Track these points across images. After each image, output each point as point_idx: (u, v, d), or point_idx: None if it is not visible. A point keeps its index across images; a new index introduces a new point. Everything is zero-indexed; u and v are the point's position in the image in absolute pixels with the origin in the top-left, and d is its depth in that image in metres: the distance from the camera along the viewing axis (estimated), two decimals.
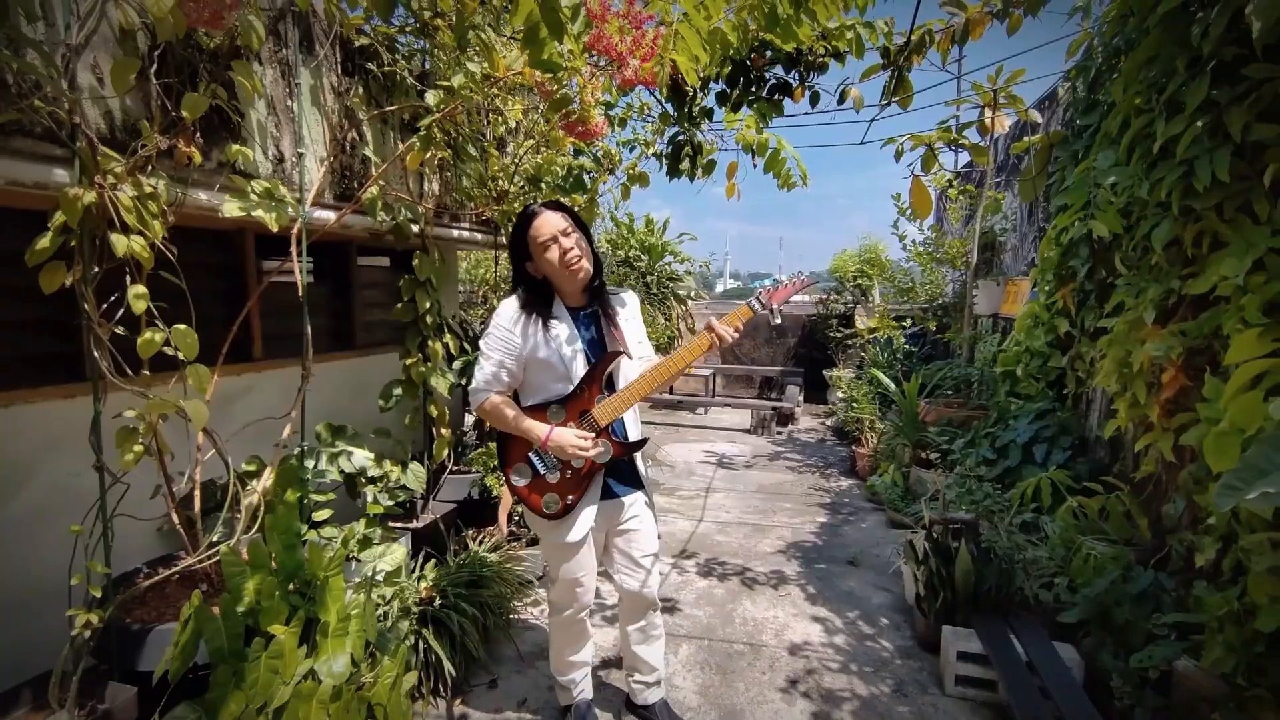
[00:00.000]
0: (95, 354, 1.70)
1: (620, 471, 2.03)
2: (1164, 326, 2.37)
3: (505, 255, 3.62)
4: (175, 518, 2.08)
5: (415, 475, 3.16)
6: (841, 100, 2.74)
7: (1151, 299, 2.39)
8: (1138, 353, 2.41)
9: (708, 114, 2.68)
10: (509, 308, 1.91)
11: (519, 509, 3.38)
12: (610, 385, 1.94)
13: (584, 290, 1.96)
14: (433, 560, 2.77)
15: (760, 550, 3.93)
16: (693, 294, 6.38)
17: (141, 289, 1.74)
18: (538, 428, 1.84)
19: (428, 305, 3.06)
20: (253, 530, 2.03)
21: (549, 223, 1.84)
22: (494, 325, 1.90)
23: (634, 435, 2.01)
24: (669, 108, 2.72)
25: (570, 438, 1.80)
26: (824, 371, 8.60)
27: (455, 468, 3.56)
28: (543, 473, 1.91)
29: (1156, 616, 2.17)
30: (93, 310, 1.70)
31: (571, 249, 1.84)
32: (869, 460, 5.38)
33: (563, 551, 1.97)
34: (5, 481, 2.06)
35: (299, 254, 2.39)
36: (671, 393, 8.92)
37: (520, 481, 1.94)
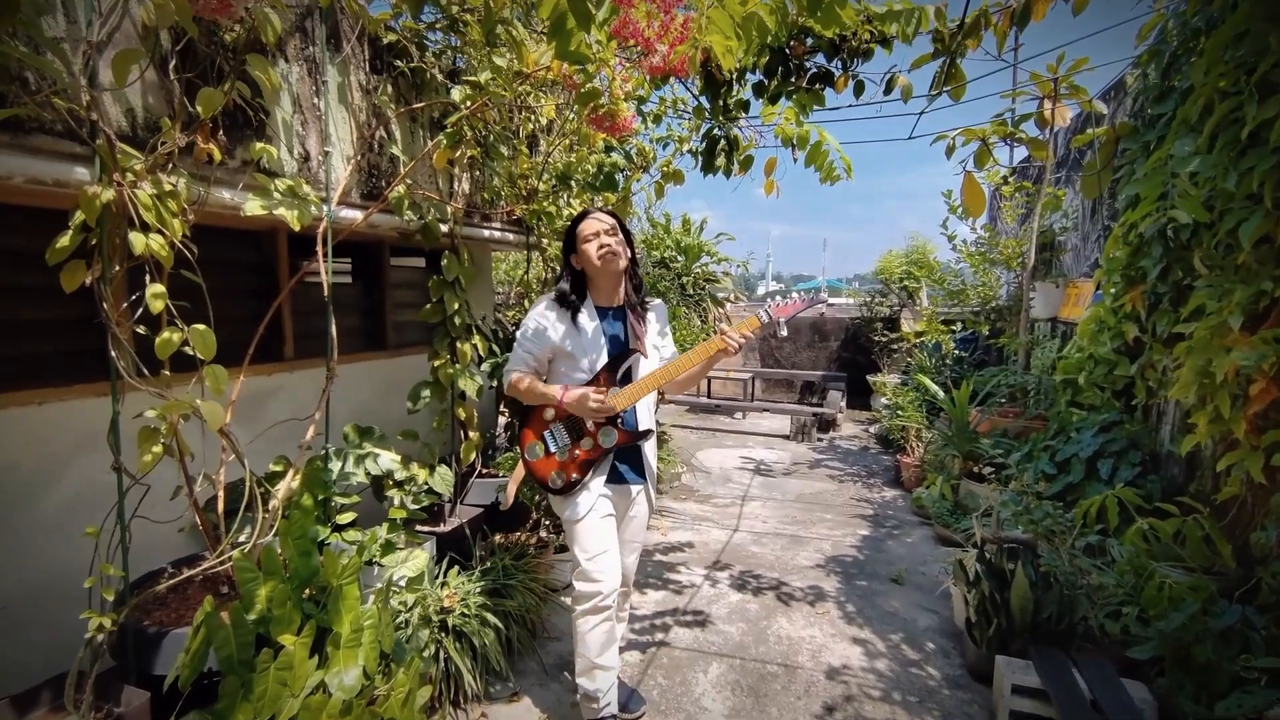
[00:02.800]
0: (114, 353, 1.68)
1: (631, 460, 2.19)
2: (1253, 333, 2.13)
3: (538, 256, 3.56)
4: (198, 519, 2.07)
5: (443, 478, 3.12)
6: (889, 90, 2.57)
7: (1238, 302, 2.15)
8: (1221, 361, 2.17)
9: (744, 106, 2.55)
10: (544, 303, 2.16)
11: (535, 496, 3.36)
12: (625, 379, 2.12)
13: (616, 290, 2.16)
14: (456, 567, 2.71)
15: (797, 563, 3.76)
16: (731, 296, 6.22)
17: (160, 288, 1.71)
18: (556, 389, 2.07)
19: (456, 306, 3.01)
20: (273, 534, 1.99)
21: (597, 220, 2.09)
22: (529, 317, 2.16)
23: (644, 426, 2.17)
24: (703, 101, 2.60)
25: (584, 393, 2.00)
26: (868, 376, 8.32)
27: (484, 470, 3.51)
28: (553, 450, 2.14)
29: (1245, 659, 1.94)
30: (112, 309, 1.68)
31: (608, 245, 2.05)
32: (915, 471, 5.13)
33: (576, 528, 2.10)
34: (39, 479, 2.08)
35: (324, 253, 2.36)
36: (709, 396, 8.77)
37: (532, 457, 2.17)
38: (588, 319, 2.12)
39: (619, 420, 2.11)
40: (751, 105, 2.81)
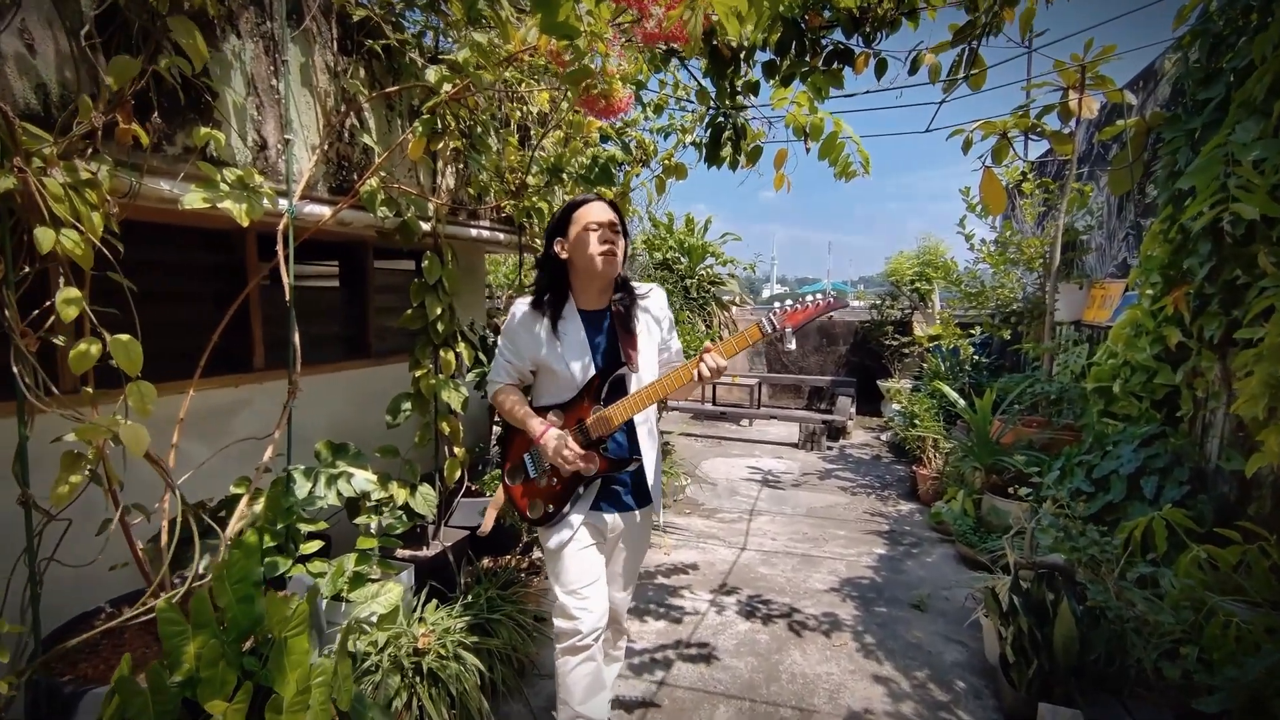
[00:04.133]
0: (16, 369, 1.43)
1: (623, 485, 1.93)
2: None
3: (531, 259, 3.31)
4: (137, 556, 1.82)
5: (425, 499, 2.87)
6: (914, 69, 2.31)
7: None
8: None
9: (753, 89, 2.30)
10: (521, 308, 1.90)
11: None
12: (614, 395, 1.84)
13: (605, 291, 1.89)
14: (434, 601, 2.46)
15: (810, 587, 3.49)
16: (736, 299, 5.96)
17: (73, 293, 1.47)
18: (537, 424, 1.83)
19: (439, 311, 2.76)
20: (206, 577, 1.74)
21: (603, 210, 1.80)
22: (506, 324, 1.93)
23: (645, 449, 1.92)
24: (708, 85, 2.35)
25: (558, 444, 1.77)
26: (878, 381, 8.04)
27: (472, 489, 3.26)
28: (534, 476, 1.90)
29: None
30: (14, 318, 1.43)
31: (611, 243, 1.78)
32: (933, 484, 4.86)
33: (555, 558, 1.88)
34: None
35: (285, 253, 2.11)
36: (714, 403, 8.50)
37: (512, 481, 1.95)
38: (570, 327, 1.85)
39: (602, 447, 1.85)
40: (761, 89, 2.56)
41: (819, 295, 1.83)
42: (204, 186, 1.79)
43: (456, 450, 2.95)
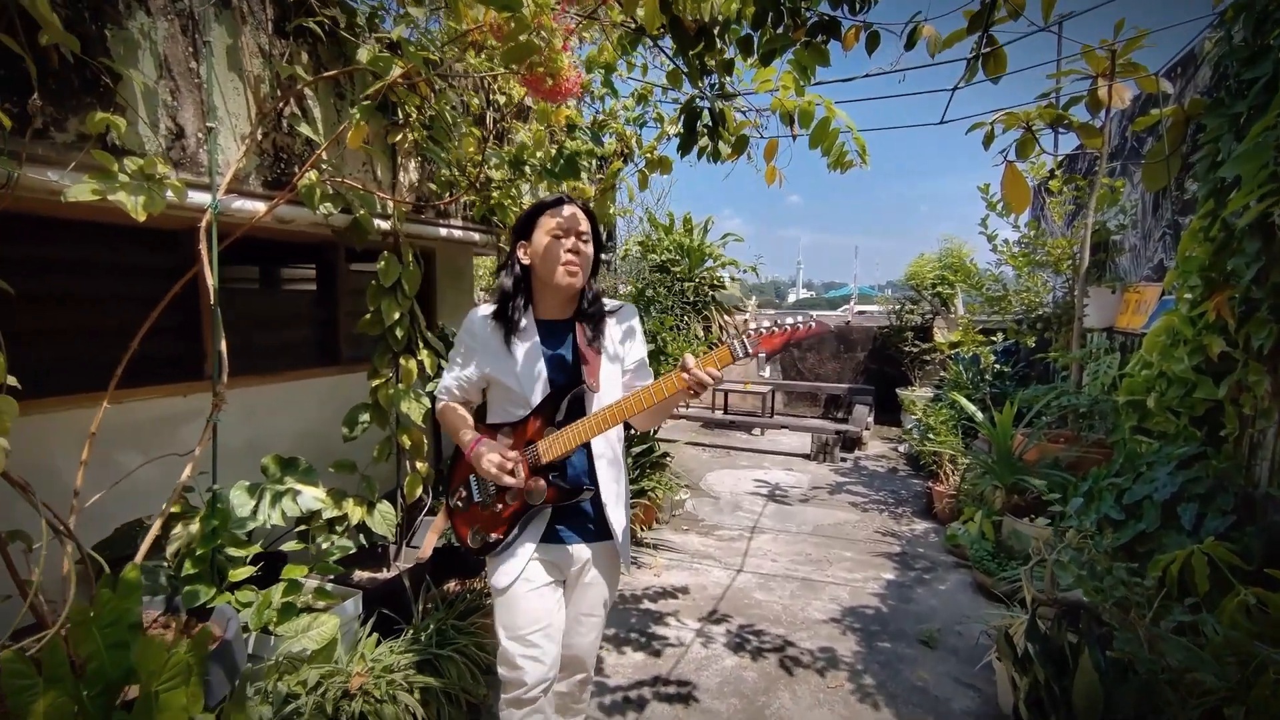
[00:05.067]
0: None
1: (581, 516, 1.72)
2: None
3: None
4: (20, 588, 1.64)
5: (384, 517, 2.67)
6: (911, 43, 2.05)
7: None
8: None
9: (728, 67, 2.05)
10: (475, 316, 1.73)
11: None
12: (572, 416, 1.65)
13: (569, 303, 1.72)
14: (376, 635, 2.24)
15: (808, 616, 3.21)
16: (739, 303, 5.69)
17: None
18: (468, 436, 1.67)
19: (396, 316, 2.56)
20: (59, 624, 1.54)
21: (573, 217, 1.65)
22: (460, 333, 1.76)
23: (604, 480, 1.70)
24: (679, 64, 2.12)
25: (491, 456, 1.58)
26: (897, 390, 7.68)
27: (435, 504, 3.05)
28: (477, 500, 1.71)
29: None
30: None
31: (577, 254, 1.63)
32: (950, 502, 4.53)
33: (500, 599, 1.66)
34: None
35: (209, 254, 1.93)
36: (725, 411, 8.22)
37: (455, 505, 1.76)
38: (526, 338, 1.67)
39: (550, 474, 1.63)
40: (742, 72, 2.32)
41: (801, 320, 1.63)
42: (98, 177, 1.61)
43: (419, 465, 2.75)
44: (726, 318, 4.87)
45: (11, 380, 1.51)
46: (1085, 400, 3.92)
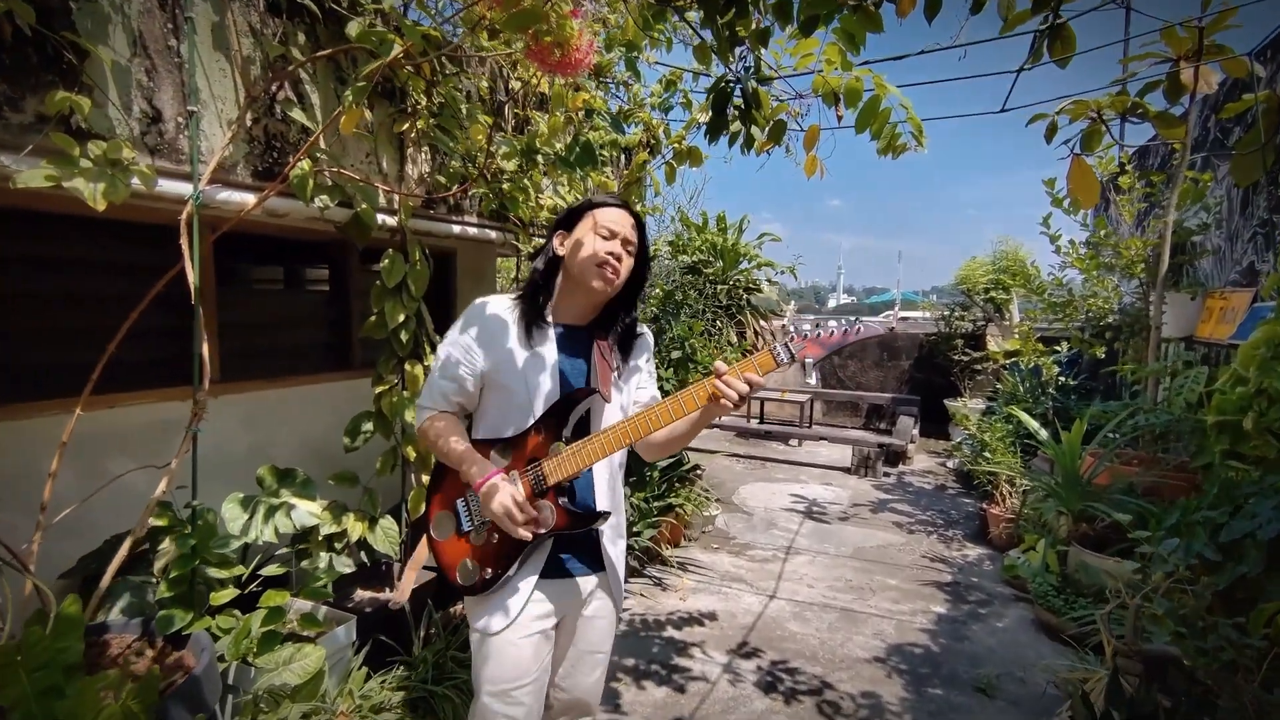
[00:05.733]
0: None
1: (583, 545, 1.51)
2: None
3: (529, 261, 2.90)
4: None
5: (386, 534, 2.49)
6: (978, 7, 1.76)
7: None
8: None
9: (762, 37, 1.80)
10: (483, 307, 1.48)
11: None
12: (582, 431, 1.46)
13: (589, 310, 1.53)
14: (365, 669, 2.05)
15: (849, 654, 2.91)
16: (776, 307, 5.39)
17: None
18: (477, 469, 1.39)
19: (401, 318, 2.38)
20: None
21: (624, 221, 1.47)
22: (457, 327, 1.50)
23: (602, 504, 1.48)
24: (708, 38, 1.88)
25: (504, 498, 1.33)
26: (945, 401, 7.25)
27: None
28: (467, 529, 1.46)
29: None
30: None
31: (618, 259, 1.44)
32: (1007, 526, 4.14)
33: (487, 645, 1.42)
34: None
35: (190, 249, 1.77)
36: (761, 420, 7.90)
37: (439, 535, 1.50)
38: (543, 338, 1.46)
39: (560, 496, 1.41)
40: (776, 43, 2.06)
41: (848, 323, 1.39)
42: (56, 162, 1.45)
43: (425, 479, 2.56)
44: (762, 323, 4.59)
45: None
46: (1164, 419, 3.51)
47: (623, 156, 3.18)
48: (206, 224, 1.86)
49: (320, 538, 2.39)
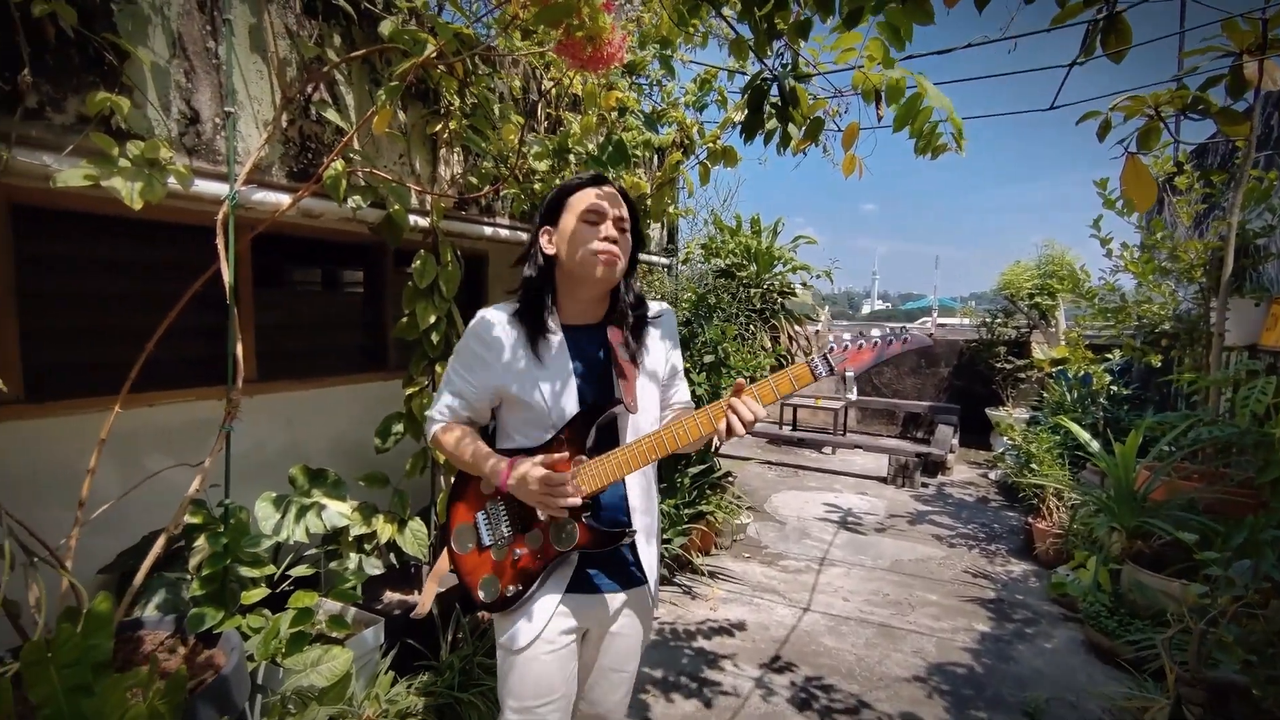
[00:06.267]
0: None
1: (612, 560, 1.43)
2: None
3: None
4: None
5: (415, 536, 2.49)
6: None
7: None
8: None
9: (802, 30, 1.74)
10: (485, 320, 1.41)
11: None
12: (603, 443, 1.37)
13: (601, 302, 1.44)
14: (391, 674, 2.03)
15: (887, 671, 2.79)
16: (811, 311, 5.28)
17: None
18: (495, 461, 1.34)
19: (432, 319, 2.38)
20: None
21: (610, 200, 1.37)
22: (464, 339, 1.44)
23: (636, 513, 1.42)
24: (745, 32, 1.82)
25: (535, 472, 1.26)
26: (986, 410, 7.01)
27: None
28: (488, 544, 1.40)
29: None
30: None
31: (612, 242, 1.34)
32: (1054, 541, 3.96)
33: (511, 661, 1.38)
34: None
35: (225, 249, 1.78)
36: (794, 427, 7.76)
37: (459, 548, 1.44)
38: (551, 346, 1.38)
39: (585, 511, 1.35)
40: (815, 40, 1.99)
41: (892, 331, 1.39)
42: (95, 161, 1.47)
43: (453, 480, 2.54)
44: (797, 328, 4.49)
45: None
46: (1228, 432, 3.31)
47: (656, 157, 3.14)
48: (243, 225, 1.87)
49: (350, 539, 2.39)
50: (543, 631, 1.35)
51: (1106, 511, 3.40)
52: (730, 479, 4.38)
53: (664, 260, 4.22)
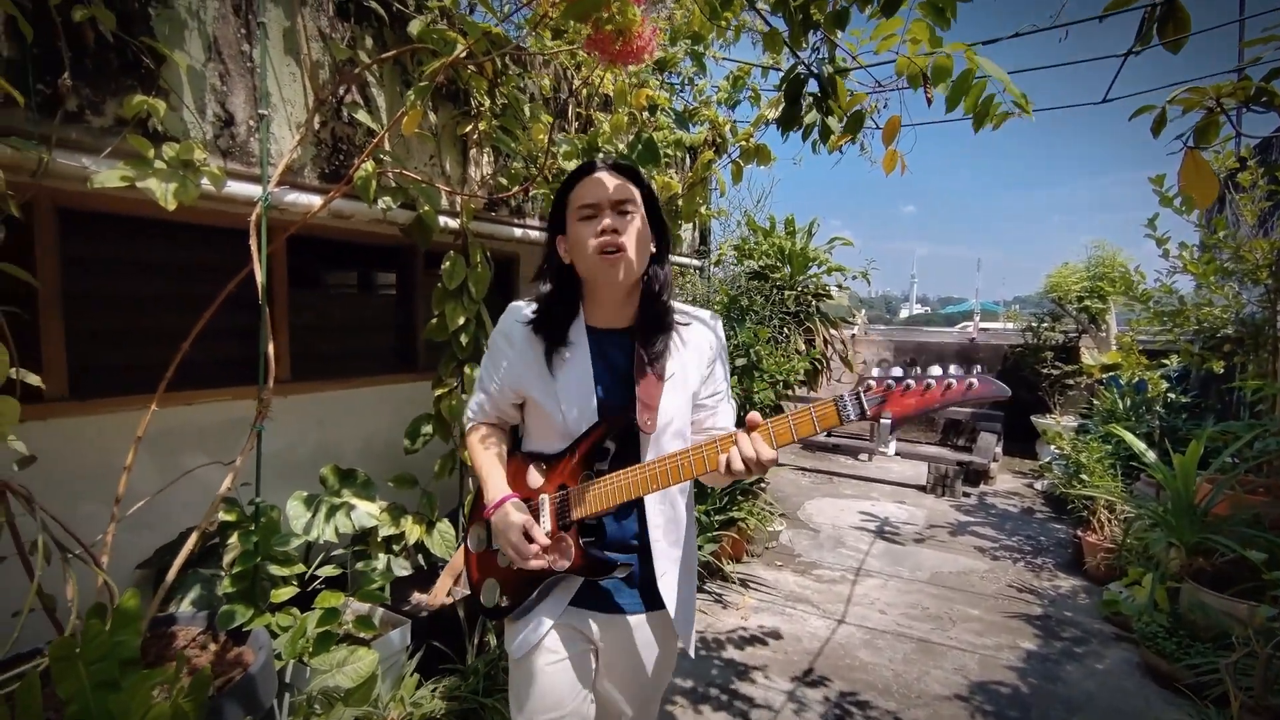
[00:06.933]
0: None
1: (631, 577, 1.32)
2: None
3: None
4: (43, 602, 1.54)
5: (443, 538, 2.48)
6: None
7: None
8: None
9: (839, 19, 1.67)
10: (513, 317, 1.36)
11: None
12: (622, 458, 1.28)
13: (626, 303, 1.33)
14: (416, 676, 2.02)
15: (926, 689, 2.68)
16: (847, 314, 5.15)
17: None
18: (494, 486, 1.31)
19: (461, 321, 2.37)
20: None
21: (599, 186, 1.26)
22: (494, 335, 1.41)
23: (659, 545, 1.31)
24: (779, 24, 1.76)
25: (513, 524, 1.22)
26: (1032, 417, 6.75)
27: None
28: (496, 547, 1.35)
29: None
30: None
31: (613, 230, 1.23)
32: (1105, 556, 3.77)
33: (515, 669, 1.35)
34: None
35: (258, 249, 1.80)
36: (829, 434, 7.59)
37: (474, 547, 1.43)
38: (573, 352, 1.30)
39: (586, 534, 1.27)
40: (859, 34, 1.92)
41: (954, 374, 1.08)
42: (132, 163, 1.49)
43: None
44: (832, 331, 4.38)
45: (34, 379, 1.41)
46: None
47: (687, 156, 3.09)
48: (276, 226, 1.89)
49: (379, 539, 2.40)
50: (543, 642, 1.29)
51: (1164, 526, 3.21)
52: (762, 485, 4.29)
53: (696, 262, 4.17)
